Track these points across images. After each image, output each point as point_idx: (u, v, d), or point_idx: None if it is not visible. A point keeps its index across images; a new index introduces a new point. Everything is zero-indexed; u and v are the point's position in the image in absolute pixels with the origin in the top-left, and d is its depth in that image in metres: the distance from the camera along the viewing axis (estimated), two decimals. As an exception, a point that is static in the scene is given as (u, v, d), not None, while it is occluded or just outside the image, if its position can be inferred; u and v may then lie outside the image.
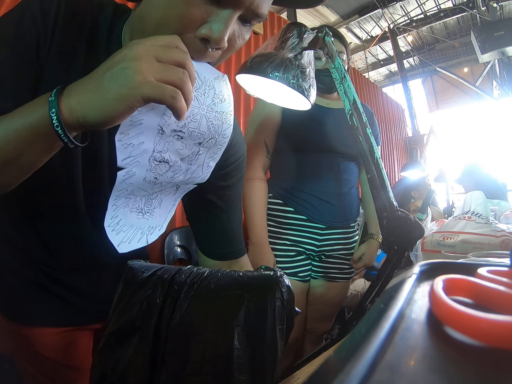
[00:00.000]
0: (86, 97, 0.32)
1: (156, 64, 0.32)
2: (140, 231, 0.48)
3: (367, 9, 4.45)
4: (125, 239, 0.46)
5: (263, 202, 0.98)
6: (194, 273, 0.43)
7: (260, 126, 0.99)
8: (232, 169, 0.56)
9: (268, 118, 0.99)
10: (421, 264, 0.21)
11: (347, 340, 0.13)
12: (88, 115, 0.32)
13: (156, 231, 0.50)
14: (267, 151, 1.00)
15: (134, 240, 0.47)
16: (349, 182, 1.04)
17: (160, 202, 0.50)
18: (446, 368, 0.11)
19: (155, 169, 0.43)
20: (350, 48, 5.27)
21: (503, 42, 3.45)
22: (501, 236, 0.65)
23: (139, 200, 0.47)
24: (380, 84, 6.03)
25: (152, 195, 0.48)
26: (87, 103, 0.32)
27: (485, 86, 5.07)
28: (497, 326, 0.12)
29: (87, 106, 0.32)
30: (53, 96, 0.32)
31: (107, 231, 0.44)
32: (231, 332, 0.36)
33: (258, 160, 0.98)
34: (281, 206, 1.00)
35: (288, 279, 0.40)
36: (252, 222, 0.95)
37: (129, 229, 0.47)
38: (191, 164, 0.46)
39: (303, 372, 0.38)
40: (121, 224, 0.46)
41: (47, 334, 0.55)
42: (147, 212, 0.49)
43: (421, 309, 0.15)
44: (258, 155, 0.99)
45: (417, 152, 4.38)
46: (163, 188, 0.48)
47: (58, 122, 0.32)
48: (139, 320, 0.41)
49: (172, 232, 1.62)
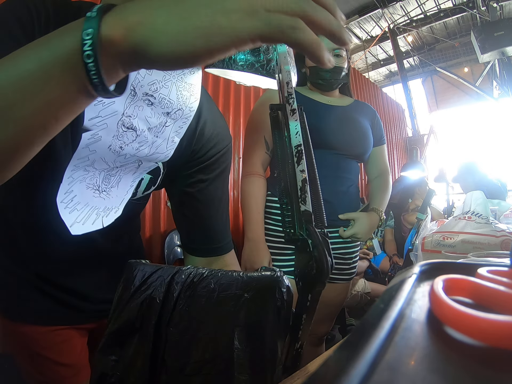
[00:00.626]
0: (156, 15, 0.22)
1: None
2: (95, 211, 0.45)
3: (367, 9, 4.44)
4: (79, 219, 0.43)
5: (261, 198, 0.96)
6: (194, 273, 0.43)
7: (260, 122, 0.98)
8: (212, 162, 0.54)
9: (267, 115, 0.97)
10: (421, 264, 0.21)
11: (347, 340, 0.13)
12: (154, 42, 0.22)
13: (112, 213, 0.47)
14: (267, 147, 0.98)
15: (89, 222, 0.44)
16: (348, 180, 1.02)
17: (118, 180, 0.47)
18: (446, 368, 0.11)
19: (122, 136, 0.41)
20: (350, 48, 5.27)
21: (503, 42, 3.45)
22: (501, 236, 0.65)
23: (97, 175, 0.43)
24: (380, 84, 6.03)
25: (112, 171, 0.45)
26: (158, 24, 0.22)
27: (485, 86, 5.07)
28: (497, 326, 0.12)
29: (157, 29, 0.22)
30: (96, 11, 0.22)
31: (60, 208, 0.40)
32: (231, 332, 0.36)
33: (257, 156, 0.97)
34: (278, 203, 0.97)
35: (288, 279, 0.40)
36: (248, 218, 0.93)
37: (84, 208, 0.43)
38: (157, 136, 0.45)
39: (303, 372, 0.38)
40: (76, 201, 0.42)
41: (40, 332, 0.54)
42: (104, 190, 0.45)
43: (421, 309, 0.15)
44: (257, 151, 0.97)
45: (417, 152, 4.38)
46: (125, 163, 0.45)
47: (91, 49, 0.21)
48: (139, 320, 0.41)
49: (172, 232, 1.63)
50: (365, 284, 1.83)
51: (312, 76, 1.00)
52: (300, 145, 0.38)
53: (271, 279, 0.39)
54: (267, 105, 1.06)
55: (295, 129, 0.38)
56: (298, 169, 0.38)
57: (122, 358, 0.40)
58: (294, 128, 0.38)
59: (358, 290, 1.78)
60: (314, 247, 0.34)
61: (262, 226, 0.94)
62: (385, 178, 1.09)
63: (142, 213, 1.65)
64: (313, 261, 0.33)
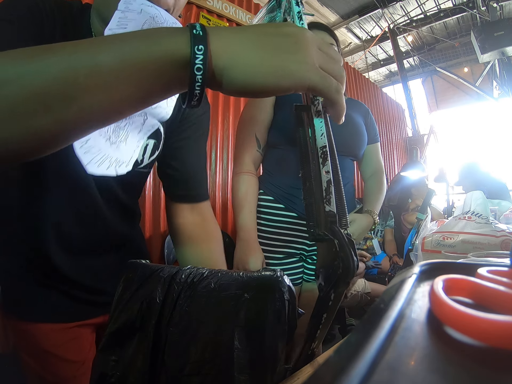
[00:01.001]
0: (239, 49, 0.26)
1: (321, 53, 0.29)
2: (108, 159, 0.48)
3: (367, 9, 4.44)
4: (94, 161, 0.46)
5: (253, 197, 0.93)
6: (194, 273, 0.43)
7: (251, 120, 0.96)
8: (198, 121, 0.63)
9: (259, 112, 0.95)
10: (421, 264, 0.21)
11: (347, 340, 0.13)
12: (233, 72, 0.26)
13: (123, 166, 0.51)
14: (258, 145, 0.95)
15: (103, 166, 0.48)
16: (344, 178, 0.99)
17: (126, 137, 0.50)
18: (446, 368, 0.11)
19: None
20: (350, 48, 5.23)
21: (503, 42, 3.45)
22: (501, 236, 0.65)
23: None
24: (380, 84, 6.03)
25: (120, 123, 0.49)
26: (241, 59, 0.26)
27: (485, 86, 5.07)
28: (497, 326, 0.12)
29: (237, 61, 0.26)
30: (200, 30, 0.25)
31: (75, 146, 0.43)
32: (231, 332, 0.36)
33: (248, 154, 0.94)
34: (272, 203, 0.94)
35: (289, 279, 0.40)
36: (240, 217, 0.89)
37: (98, 153, 0.46)
38: None
39: (303, 372, 0.38)
40: (90, 145, 0.45)
41: (48, 329, 0.55)
42: (114, 143, 0.49)
43: (421, 309, 0.15)
44: (248, 149, 0.95)
45: (417, 152, 4.38)
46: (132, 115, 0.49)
47: (203, 64, 0.25)
48: (139, 320, 0.41)
49: (172, 232, 1.63)
50: (365, 284, 1.82)
51: None
52: (325, 146, 0.39)
53: (271, 279, 0.39)
54: (258, 101, 1.04)
55: (320, 130, 0.39)
56: (323, 170, 0.38)
57: (122, 358, 0.40)
58: (320, 130, 0.39)
59: (358, 290, 1.78)
60: (340, 247, 0.34)
61: (254, 226, 0.91)
62: (379, 178, 1.08)
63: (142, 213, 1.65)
64: (339, 261, 0.33)
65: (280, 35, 0.28)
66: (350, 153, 1.00)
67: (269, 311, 0.37)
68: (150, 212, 1.66)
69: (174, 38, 0.25)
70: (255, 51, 0.26)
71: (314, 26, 1.01)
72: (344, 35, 5.08)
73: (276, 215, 0.94)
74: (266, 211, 0.95)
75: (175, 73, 0.26)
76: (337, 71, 0.30)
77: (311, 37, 0.29)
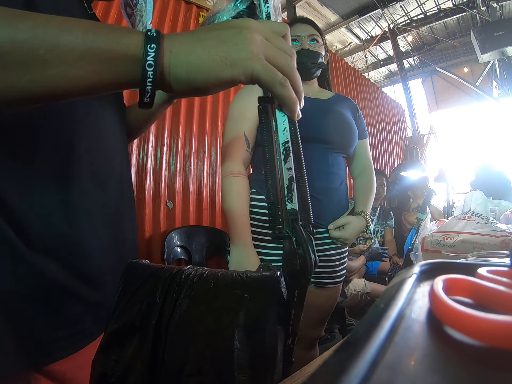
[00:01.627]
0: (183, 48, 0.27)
1: (268, 44, 0.29)
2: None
3: (367, 9, 4.45)
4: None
5: (245, 199, 0.88)
6: (194, 273, 0.43)
7: (239, 117, 0.91)
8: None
9: (248, 109, 0.91)
10: (421, 264, 0.21)
11: (347, 340, 0.13)
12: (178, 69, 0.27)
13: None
14: (247, 144, 0.90)
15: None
16: (338, 176, 0.96)
17: None
18: (446, 368, 0.11)
19: None
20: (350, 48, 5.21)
21: (503, 42, 3.45)
22: (501, 236, 0.65)
23: None
24: (380, 84, 6.03)
25: None
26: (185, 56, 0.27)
27: (485, 86, 5.07)
28: (497, 326, 0.12)
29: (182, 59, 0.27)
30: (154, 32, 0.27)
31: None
32: (231, 332, 0.36)
33: (237, 154, 0.89)
34: (265, 202, 0.88)
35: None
36: (233, 222, 0.84)
37: None
38: None
39: (303, 372, 0.38)
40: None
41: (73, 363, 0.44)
42: None
43: (421, 309, 0.15)
44: (237, 149, 0.89)
45: (417, 152, 4.38)
46: None
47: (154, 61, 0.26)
48: (139, 320, 0.41)
49: (172, 232, 1.63)
50: (365, 284, 1.82)
51: None
52: (287, 142, 0.38)
53: (271, 279, 0.39)
54: (247, 96, 0.91)
55: (282, 124, 0.38)
56: (285, 167, 0.38)
57: (122, 358, 0.40)
58: (282, 124, 0.38)
59: (358, 290, 1.78)
60: (298, 245, 0.35)
61: (248, 230, 0.86)
62: (369, 175, 1.06)
63: (142, 213, 1.66)
64: (297, 258, 0.35)
65: (225, 28, 0.29)
66: (344, 149, 0.98)
67: (269, 311, 0.37)
68: (150, 212, 1.66)
69: (132, 37, 0.27)
70: (201, 47, 0.27)
71: (297, 20, 1.00)
72: (344, 35, 5.08)
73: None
74: (261, 211, 0.91)
75: (129, 68, 0.27)
76: (285, 64, 0.29)
77: (256, 27, 0.29)
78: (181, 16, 1.92)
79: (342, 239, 0.92)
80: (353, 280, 1.82)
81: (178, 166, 1.80)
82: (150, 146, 1.68)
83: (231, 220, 0.85)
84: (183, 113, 1.88)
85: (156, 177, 1.70)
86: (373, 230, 2.41)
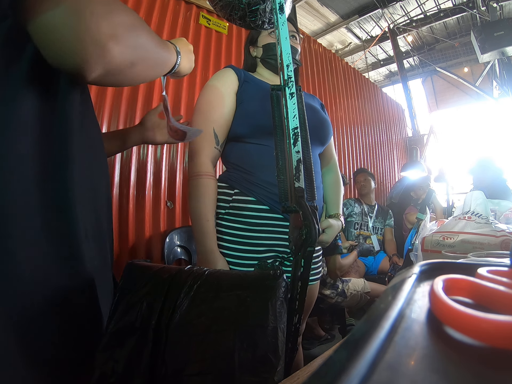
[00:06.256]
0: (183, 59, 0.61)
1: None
2: None
3: (367, 9, 4.44)
4: None
5: (212, 203, 0.82)
6: (194, 273, 0.43)
7: (207, 112, 0.85)
8: None
9: (217, 102, 0.85)
10: (421, 264, 0.21)
11: (347, 340, 0.13)
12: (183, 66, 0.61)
13: None
14: (217, 141, 0.84)
15: None
16: (318, 174, 0.92)
17: None
18: (446, 368, 0.11)
19: None
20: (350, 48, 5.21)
21: (503, 42, 3.45)
22: (501, 236, 0.65)
23: None
24: (380, 84, 6.03)
25: None
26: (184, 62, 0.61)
27: (485, 86, 5.07)
28: (497, 326, 0.12)
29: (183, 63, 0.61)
30: (177, 48, 0.59)
31: None
32: (232, 331, 0.36)
33: (206, 153, 0.83)
34: (254, 204, 0.82)
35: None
36: (197, 228, 0.79)
37: None
38: None
39: (303, 372, 0.38)
40: None
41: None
42: None
43: (421, 309, 0.15)
44: (205, 147, 0.83)
45: (417, 152, 4.38)
46: None
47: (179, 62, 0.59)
48: (139, 320, 0.41)
49: (172, 232, 1.63)
50: (365, 284, 1.82)
51: (266, 54, 0.94)
52: (296, 128, 0.44)
53: (271, 278, 0.39)
54: (220, 85, 0.94)
55: (292, 112, 0.44)
56: (294, 150, 0.45)
57: (122, 358, 0.40)
58: (292, 112, 0.44)
59: (358, 290, 1.77)
60: (304, 217, 0.42)
61: (213, 236, 0.80)
62: (336, 171, 1.05)
63: (142, 213, 1.66)
64: (304, 228, 0.41)
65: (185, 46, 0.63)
66: (322, 145, 0.97)
67: (269, 310, 0.37)
68: (150, 212, 1.66)
69: (172, 52, 0.56)
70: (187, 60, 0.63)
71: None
72: (344, 35, 5.08)
73: (260, 218, 0.82)
74: (248, 214, 0.82)
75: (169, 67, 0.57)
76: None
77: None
78: (181, 16, 1.92)
79: (324, 242, 0.91)
80: (353, 280, 1.82)
81: (178, 166, 1.80)
82: (150, 146, 1.68)
83: (195, 225, 0.81)
84: (183, 113, 1.88)
85: (156, 177, 1.70)
86: (372, 227, 2.41)
